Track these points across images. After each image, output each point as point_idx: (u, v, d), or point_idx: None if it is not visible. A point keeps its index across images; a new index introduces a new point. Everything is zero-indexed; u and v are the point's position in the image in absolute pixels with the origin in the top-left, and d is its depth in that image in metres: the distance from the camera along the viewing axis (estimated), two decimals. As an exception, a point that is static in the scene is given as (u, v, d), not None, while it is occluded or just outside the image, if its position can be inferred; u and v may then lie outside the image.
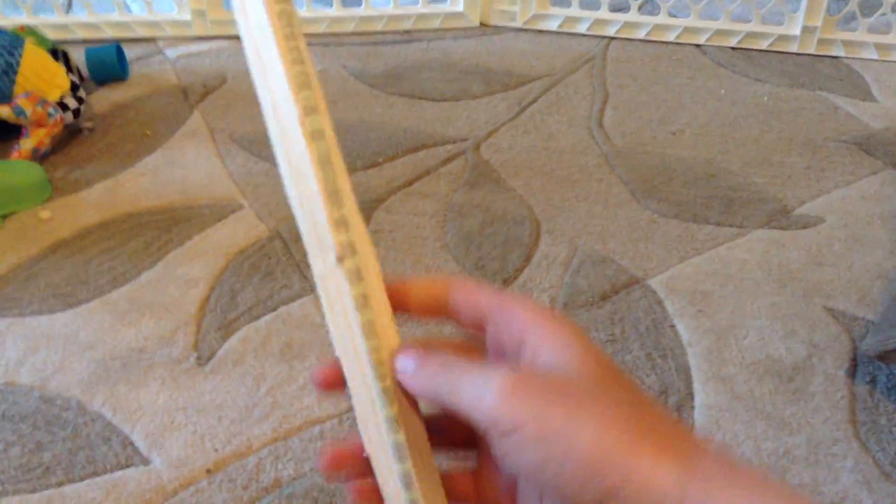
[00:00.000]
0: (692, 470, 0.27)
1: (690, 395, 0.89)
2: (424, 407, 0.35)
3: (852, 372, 0.91)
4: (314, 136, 0.33)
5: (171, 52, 1.56)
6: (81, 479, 0.79)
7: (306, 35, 0.36)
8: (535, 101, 1.42)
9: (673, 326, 0.97)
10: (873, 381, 0.90)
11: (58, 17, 1.60)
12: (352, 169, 1.24)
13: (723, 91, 1.45)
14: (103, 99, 1.43)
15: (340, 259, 0.33)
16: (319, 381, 0.36)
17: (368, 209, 1.15)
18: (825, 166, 1.25)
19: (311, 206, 0.33)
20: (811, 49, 1.56)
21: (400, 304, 0.35)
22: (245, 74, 1.49)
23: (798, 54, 1.56)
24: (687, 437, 0.29)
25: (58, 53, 1.35)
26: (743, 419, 0.86)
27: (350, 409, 0.87)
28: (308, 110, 0.33)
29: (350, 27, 1.65)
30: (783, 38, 1.57)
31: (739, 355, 0.93)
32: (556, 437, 0.28)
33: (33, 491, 0.78)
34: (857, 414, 0.87)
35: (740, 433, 0.85)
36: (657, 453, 0.28)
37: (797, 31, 1.55)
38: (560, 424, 0.28)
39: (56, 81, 1.28)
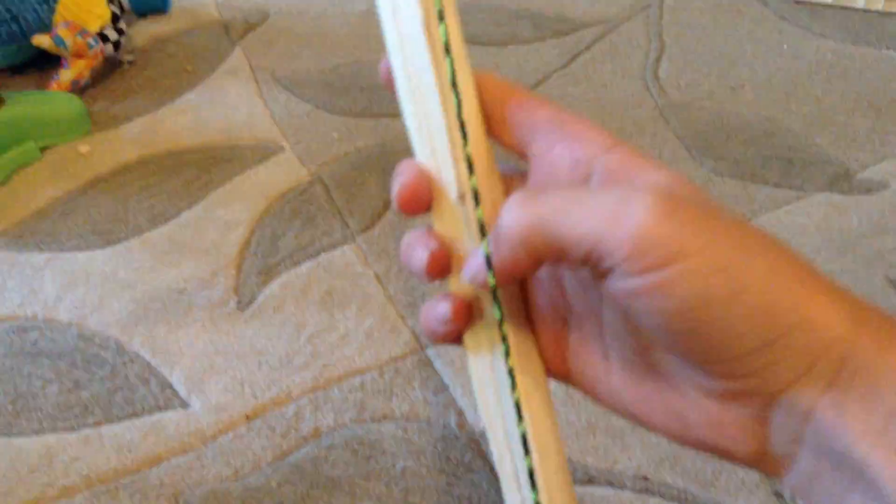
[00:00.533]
0: (862, 321, 0.24)
1: (743, 363, 0.85)
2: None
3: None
4: (440, 50, 0.29)
5: (213, -14, 1.52)
6: (120, 420, 0.79)
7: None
8: (587, 48, 1.36)
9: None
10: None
11: (98, -54, 1.56)
12: (395, 113, 1.20)
13: (785, 46, 1.38)
14: (144, 32, 1.40)
15: (461, 198, 0.30)
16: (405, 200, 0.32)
17: (411, 156, 1.12)
18: (890, 129, 1.19)
19: (431, 132, 0.30)
20: (879, 6, 1.48)
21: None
22: (288, 11, 1.45)
23: (865, 10, 1.49)
24: (844, 287, 0.26)
25: (99, -17, 1.32)
26: (797, 390, 0.83)
27: (391, 361, 0.85)
28: (435, 17, 0.29)
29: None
30: (850, -9, 1.49)
31: (796, 324, 0.90)
32: (726, 273, 0.23)
33: (71, 430, 0.77)
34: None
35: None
36: (829, 299, 0.24)
37: (866, -15, 1.47)
38: (731, 258, 0.23)
39: (97, 11, 1.25)
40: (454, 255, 0.31)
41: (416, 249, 0.31)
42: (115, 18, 1.29)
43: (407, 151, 1.08)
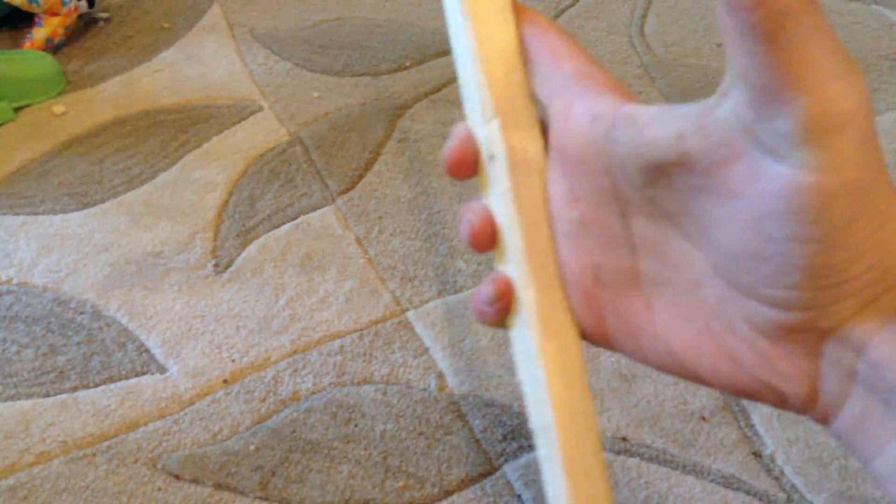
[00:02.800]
0: None
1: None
2: None
3: None
4: (466, 7, 0.29)
5: (190, -60, 1.48)
6: (96, 385, 0.78)
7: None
8: (572, 5, 1.34)
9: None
10: None
11: None
12: (376, 72, 1.18)
13: (773, 1, 1.36)
14: (119, -12, 1.36)
15: (490, 159, 0.29)
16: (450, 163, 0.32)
17: (393, 116, 1.10)
18: (877, 86, 1.18)
19: (468, 93, 0.30)
20: (870, -42, 1.46)
21: None
22: (267, -33, 1.42)
23: (855, -36, 1.46)
24: None
25: (70, -63, 1.28)
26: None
27: (371, 324, 0.85)
28: None
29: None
30: (841, -55, 1.46)
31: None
32: (877, 194, 0.24)
33: (46, 395, 0.77)
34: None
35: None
36: None
37: (857, -62, 1.44)
38: (881, 179, 0.24)
39: (69, -33, 1.22)
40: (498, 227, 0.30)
41: (463, 219, 0.32)
42: (88, -26, 1.26)
43: (389, 109, 1.05)
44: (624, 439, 0.76)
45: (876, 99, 1.14)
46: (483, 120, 0.29)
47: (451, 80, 1.17)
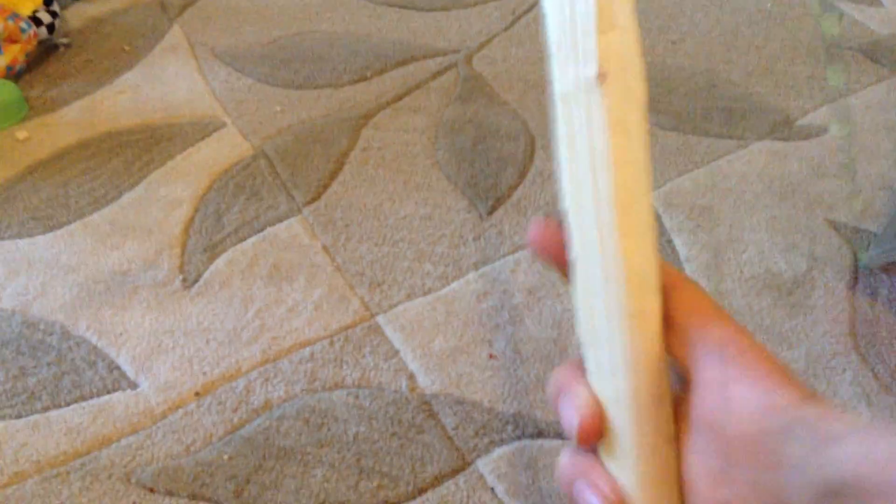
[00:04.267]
0: None
1: (688, 311, 0.87)
2: None
3: (853, 285, 0.89)
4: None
5: (148, -36, 1.49)
6: (68, 404, 0.78)
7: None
8: (529, 10, 1.36)
9: (670, 242, 0.94)
10: (874, 294, 0.88)
11: (27, -73, 1.52)
12: (338, 84, 1.19)
13: (725, -3, 1.39)
14: (79, 13, 1.37)
15: (602, 77, 0.25)
16: (535, 240, 0.30)
17: (356, 126, 1.11)
18: (814, 73, 1.20)
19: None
20: (817, -48, 1.49)
21: None
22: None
23: (804, -43, 1.49)
24: None
25: (27, -35, 1.28)
26: (741, 334, 0.84)
27: (341, 330, 0.85)
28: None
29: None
30: (788, -60, 1.49)
31: (738, 270, 0.91)
32: None
33: (18, 416, 0.77)
34: (857, 327, 0.85)
35: (738, 348, 0.83)
36: None
37: (803, -67, 1.48)
38: None
39: (26, -6, 1.22)
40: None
41: (567, 407, 0.28)
42: (47, 1, 1.26)
43: (352, 120, 1.05)
44: (594, 429, 0.77)
45: (828, 87, 1.17)
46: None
47: (412, 88, 1.18)
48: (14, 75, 1.19)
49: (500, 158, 1.07)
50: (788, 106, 1.14)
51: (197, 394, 0.78)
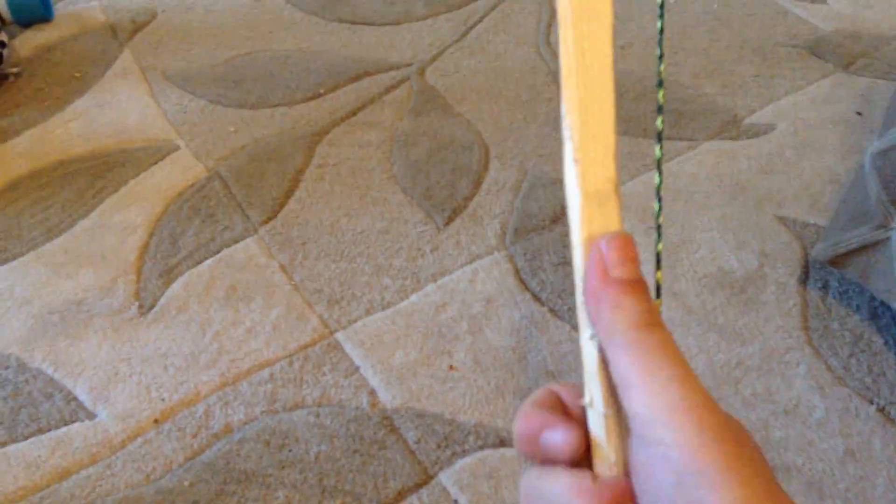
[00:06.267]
0: None
1: (643, 313, 0.88)
2: None
3: (804, 279, 0.91)
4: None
5: (97, -12, 1.48)
6: (26, 438, 0.77)
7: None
8: (480, 20, 1.37)
9: (624, 245, 0.95)
10: (825, 287, 0.90)
11: (-28, -43, 1.50)
12: (291, 101, 1.19)
13: (672, 0, 1.41)
14: (29, 42, 1.36)
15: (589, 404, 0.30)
16: (522, 435, 0.31)
17: (311, 143, 1.11)
18: (775, 73, 1.23)
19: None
20: (761, -48, 1.52)
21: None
22: (176, 7, 1.43)
23: (747, -42, 1.52)
24: None
25: (-28, -5, 1.27)
26: (695, 333, 0.86)
27: (300, 349, 0.85)
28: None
29: (285, -48, 1.57)
30: (732, -59, 1.52)
31: (691, 269, 0.92)
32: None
33: (-26, 454, 0.76)
34: (810, 320, 0.87)
35: (693, 347, 0.84)
36: None
37: (746, -66, 1.50)
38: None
39: (-29, 25, 1.21)
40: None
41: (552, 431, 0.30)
42: (-7, 30, 1.25)
43: (306, 137, 1.06)
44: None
45: (774, 85, 1.19)
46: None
47: (366, 103, 1.19)
48: (-38, 107, 1.18)
49: (454, 169, 1.08)
50: (736, 105, 1.16)
51: (156, 421, 0.78)
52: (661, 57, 0.33)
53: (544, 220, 1.00)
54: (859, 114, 1.13)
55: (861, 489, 0.73)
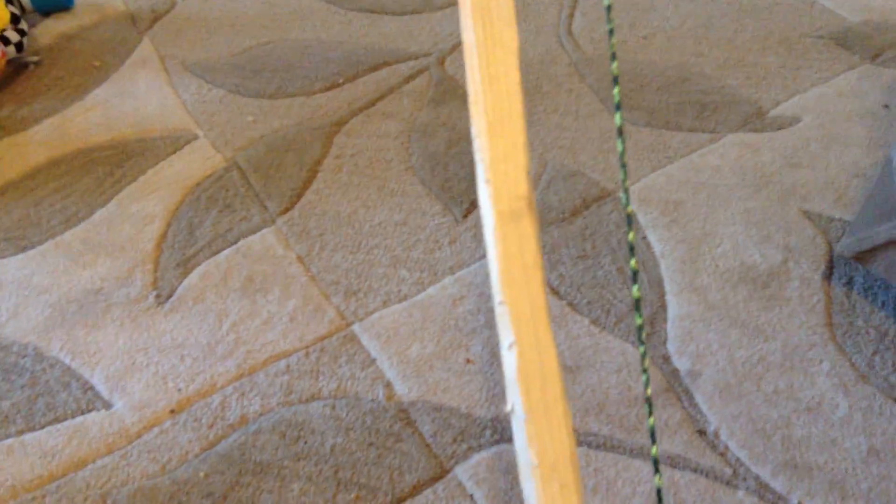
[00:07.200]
0: None
1: (664, 308, 0.87)
2: None
3: (829, 274, 0.89)
4: None
5: (117, -23, 1.48)
6: (42, 427, 0.77)
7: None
8: (500, 10, 1.35)
9: (645, 238, 0.94)
10: (850, 283, 0.88)
11: (-6, -55, 1.51)
12: (310, 91, 1.19)
13: (695, -10, 1.39)
14: (49, 30, 1.36)
15: None
16: None
17: (329, 133, 1.10)
18: (801, 64, 1.20)
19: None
20: (787, -59, 1.49)
21: None
22: (196, -3, 1.43)
23: (774, -53, 1.49)
24: None
25: (-7, -17, 1.27)
26: (717, 328, 0.84)
27: (317, 340, 0.85)
28: None
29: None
30: (758, -70, 1.49)
31: (713, 264, 0.91)
32: None
33: (-9, 442, 0.76)
34: (834, 317, 0.85)
35: (714, 343, 0.83)
36: None
37: (772, -77, 1.48)
38: None
39: (-8, 14, 1.21)
40: None
41: None
42: (14, 19, 1.25)
43: (324, 127, 1.05)
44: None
45: (800, 77, 1.17)
46: None
47: (385, 93, 1.18)
48: (-17, 95, 1.19)
49: (473, 161, 1.06)
50: (760, 97, 1.14)
51: (172, 411, 0.78)
52: (611, 31, 0.35)
53: (564, 212, 0.98)
54: (886, 107, 1.11)
55: (884, 489, 0.72)
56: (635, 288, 0.32)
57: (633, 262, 0.36)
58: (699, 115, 1.10)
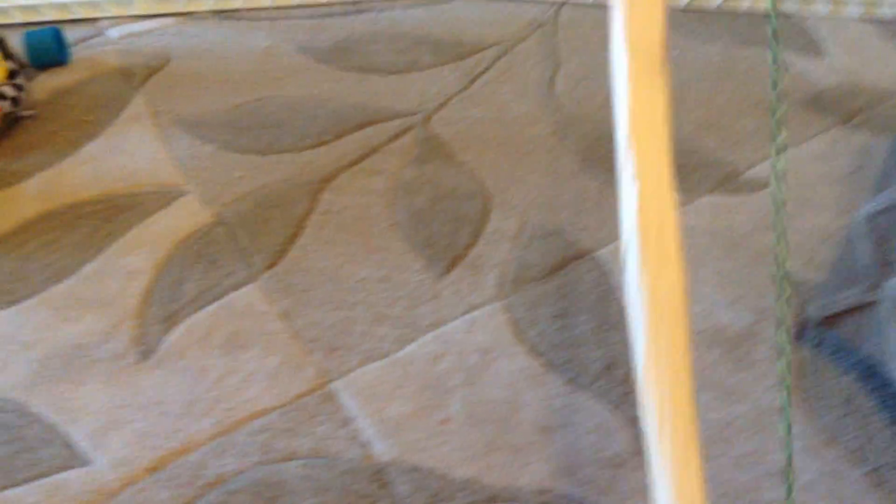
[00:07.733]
0: None
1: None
2: None
3: (798, 337, 0.91)
4: None
5: (114, 32, 1.52)
6: (23, 483, 0.79)
7: (250, 9, 0.34)
8: (486, 70, 1.39)
9: (617, 300, 0.96)
10: (819, 346, 0.90)
11: (-6, 0, 1.55)
12: (299, 148, 1.22)
13: (676, 52, 1.43)
14: (44, 85, 1.39)
15: None
16: None
17: (316, 190, 1.13)
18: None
19: None
20: (763, 6, 1.54)
21: None
22: (190, 53, 1.46)
23: (750, 13, 1.54)
24: None
25: (-9, 40, 1.31)
26: (689, 391, 0.86)
27: (296, 398, 0.86)
28: None
29: (297, -1, 1.61)
30: (737, -6, 1.54)
31: (686, 326, 0.93)
32: None
33: (-29, 499, 0.77)
34: (802, 380, 0.87)
35: (686, 405, 0.85)
36: None
37: (750, -12, 1.53)
38: None
39: (-10, 70, 1.24)
40: None
41: None
42: (12, 75, 1.29)
43: (312, 183, 1.07)
44: (544, 492, 0.78)
45: (758, 138, 1.20)
46: None
47: (372, 151, 1.21)
48: (-22, 149, 1.21)
49: (456, 218, 1.09)
50: (736, 158, 1.17)
51: (150, 469, 0.79)
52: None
53: (543, 270, 1.01)
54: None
55: (851, 553, 0.73)
56: (780, 273, 0.36)
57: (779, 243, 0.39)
58: (676, 176, 1.13)
